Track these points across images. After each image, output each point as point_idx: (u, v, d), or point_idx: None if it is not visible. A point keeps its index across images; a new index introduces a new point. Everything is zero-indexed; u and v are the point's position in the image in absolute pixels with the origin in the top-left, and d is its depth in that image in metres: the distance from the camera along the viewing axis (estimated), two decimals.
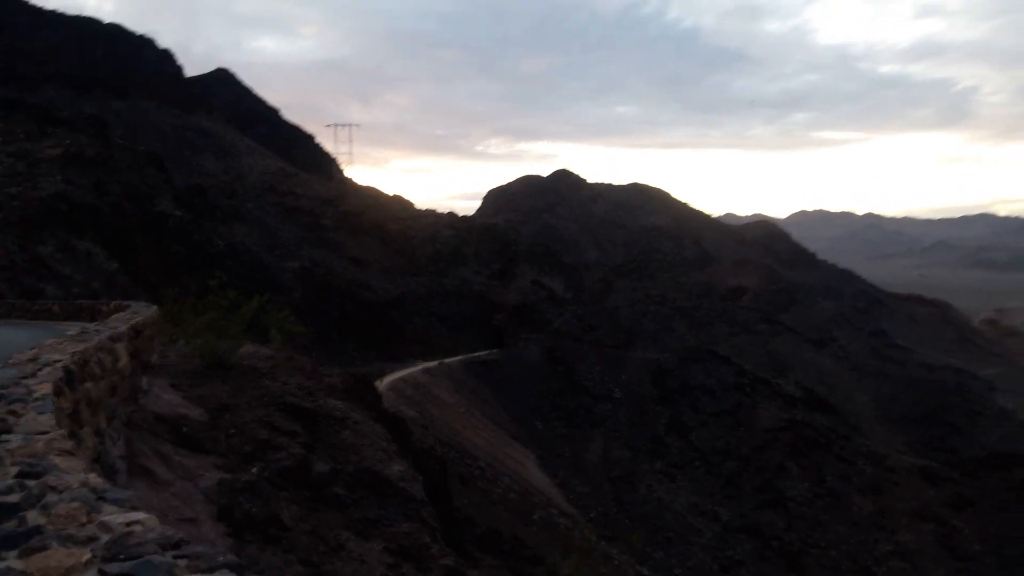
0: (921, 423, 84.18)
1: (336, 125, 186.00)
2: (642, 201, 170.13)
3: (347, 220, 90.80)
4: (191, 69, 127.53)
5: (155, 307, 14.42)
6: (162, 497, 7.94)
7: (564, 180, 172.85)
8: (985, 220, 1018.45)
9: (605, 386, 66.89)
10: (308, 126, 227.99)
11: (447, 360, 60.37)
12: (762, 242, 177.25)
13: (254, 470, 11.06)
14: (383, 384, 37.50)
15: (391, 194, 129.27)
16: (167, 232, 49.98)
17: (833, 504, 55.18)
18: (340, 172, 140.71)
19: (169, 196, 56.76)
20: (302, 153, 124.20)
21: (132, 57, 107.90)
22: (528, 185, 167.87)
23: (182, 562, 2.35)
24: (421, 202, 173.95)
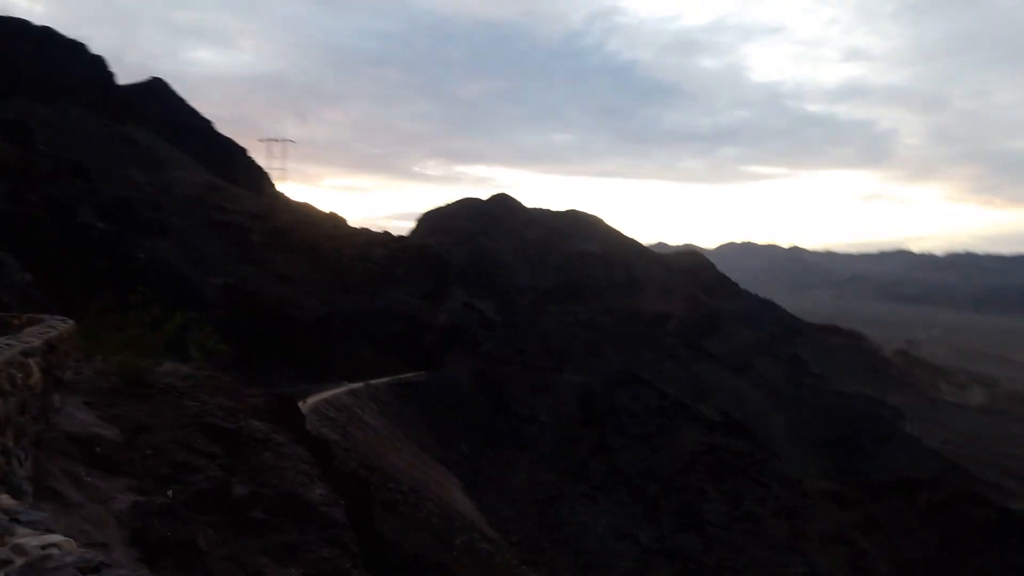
0: (833, 448, 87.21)
1: (270, 140, 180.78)
2: (576, 227, 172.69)
3: (276, 236, 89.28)
4: (124, 77, 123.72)
5: (71, 321, 14.08)
6: (71, 521, 7.81)
7: (502, 204, 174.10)
8: (900, 256, 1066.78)
9: (532, 409, 67.20)
10: (242, 140, 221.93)
11: (374, 382, 59.70)
12: (689, 271, 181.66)
13: (170, 493, 10.89)
14: (307, 405, 36.96)
15: (325, 211, 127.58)
16: (88, 245, 48.31)
17: (750, 527, 56.57)
18: (272, 187, 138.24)
19: (92, 207, 54.95)
20: (234, 167, 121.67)
21: (61, 62, 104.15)
22: (466, 207, 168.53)
23: None
24: (355, 220, 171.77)
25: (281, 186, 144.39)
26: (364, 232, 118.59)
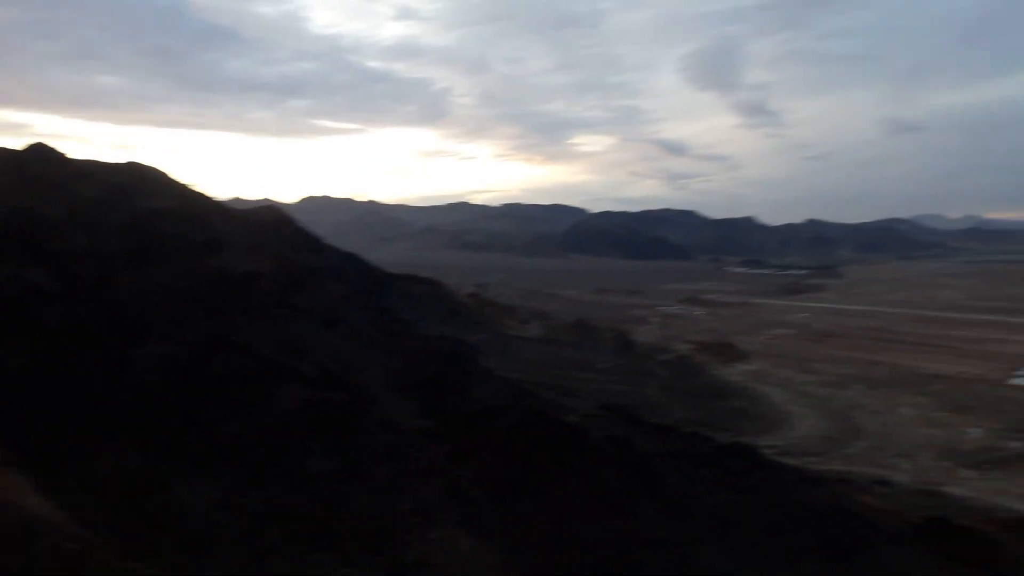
0: (425, 388, 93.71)
1: None
2: (141, 182, 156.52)
3: None
4: None
5: None
6: None
7: (42, 155, 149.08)
8: (463, 208, 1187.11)
9: (110, 388, 60.03)
10: None
11: None
12: (271, 227, 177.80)
13: None
14: None
15: None
16: None
17: (356, 475, 58.24)
18: None
19: None
20: None
21: None
22: None
23: None
24: None
25: None
26: None
